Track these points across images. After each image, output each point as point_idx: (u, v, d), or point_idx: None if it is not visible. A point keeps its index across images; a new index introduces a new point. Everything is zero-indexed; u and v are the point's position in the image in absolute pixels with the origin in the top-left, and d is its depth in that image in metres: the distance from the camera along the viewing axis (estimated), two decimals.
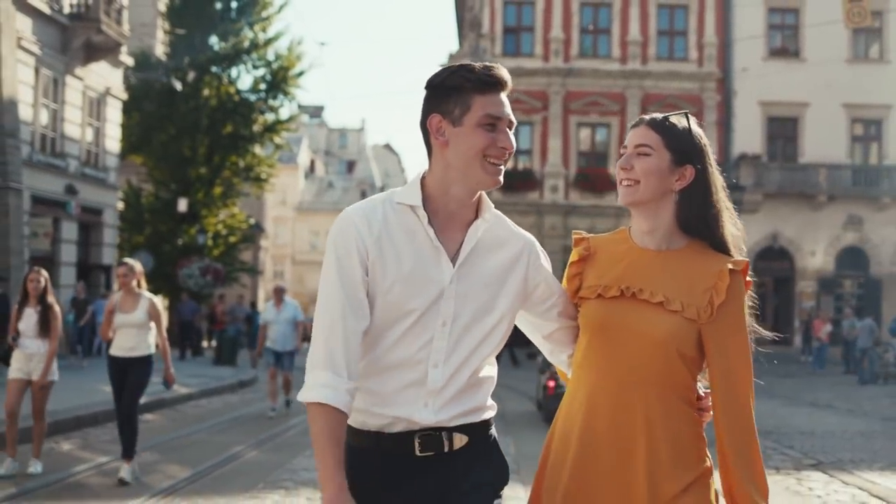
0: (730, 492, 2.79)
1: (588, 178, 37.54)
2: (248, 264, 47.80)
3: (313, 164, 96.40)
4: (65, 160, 28.00)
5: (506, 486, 2.80)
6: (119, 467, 9.38)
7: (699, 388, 2.93)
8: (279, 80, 41.52)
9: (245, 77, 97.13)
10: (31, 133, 26.12)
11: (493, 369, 2.85)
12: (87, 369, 22.39)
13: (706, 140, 2.94)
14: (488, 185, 2.69)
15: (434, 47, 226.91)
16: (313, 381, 2.59)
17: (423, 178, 2.76)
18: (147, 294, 9.55)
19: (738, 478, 2.76)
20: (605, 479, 2.78)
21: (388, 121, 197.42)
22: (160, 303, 9.91)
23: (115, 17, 29.09)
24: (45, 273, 9.89)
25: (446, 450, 2.70)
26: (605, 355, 2.84)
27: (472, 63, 2.71)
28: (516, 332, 3.04)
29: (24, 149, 25.36)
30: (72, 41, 27.72)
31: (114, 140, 31.63)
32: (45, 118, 27.26)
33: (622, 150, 2.96)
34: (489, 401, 2.84)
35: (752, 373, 2.84)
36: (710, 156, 2.94)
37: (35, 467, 9.52)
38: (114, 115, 31.46)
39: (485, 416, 2.81)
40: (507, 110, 2.69)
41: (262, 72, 42.01)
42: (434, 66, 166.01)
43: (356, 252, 2.64)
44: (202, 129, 39.90)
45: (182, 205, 37.16)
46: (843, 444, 12.55)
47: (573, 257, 3.03)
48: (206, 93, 40.15)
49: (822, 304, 36.51)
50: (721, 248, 2.90)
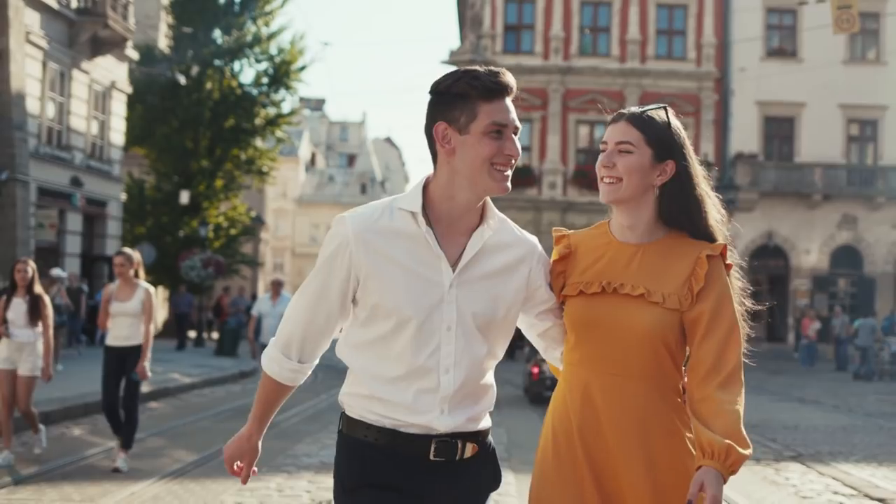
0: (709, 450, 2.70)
1: (586, 175, 37.91)
2: (249, 256, 48.16)
3: (314, 157, 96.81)
4: (70, 153, 28.43)
5: (497, 488, 2.91)
6: (115, 457, 9.53)
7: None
8: (281, 75, 41.85)
9: (247, 71, 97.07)
10: (37, 126, 26.56)
11: (492, 376, 2.90)
12: (94, 358, 22.77)
13: (684, 133, 2.98)
14: (496, 192, 2.70)
15: (435, 42, 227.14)
16: (268, 354, 2.86)
17: (426, 184, 2.78)
18: (144, 284, 9.57)
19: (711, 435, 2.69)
20: (612, 472, 2.84)
21: (389, 114, 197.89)
22: (160, 294, 10.19)
23: (121, 12, 29.50)
24: (32, 263, 9.89)
25: (457, 458, 2.74)
26: (592, 352, 2.89)
27: (477, 69, 2.72)
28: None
29: (31, 141, 25.78)
30: (79, 36, 28.13)
31: (118, 133, 32.06)
32: (51, 111, 27.68)
33: (602, 146, 2.97)
34: (492, 404, 2.90)
35: (737, 350, 2.83)
36: (689, 147, 2.97)
37: (38, 447, 9.77)
38: (119, 108, 31.89)
39: (487, 424, 2.86)
40: (513, 116, 2.71)
41: (264, 66, 42.33)
42: (436, 61, 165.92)
43: (342, 260, 2.71)
44: (204, 123, 40.21)
45: (184, 197, 37.50)
46: (825, 438, 12.99)
47: (554, 255, 3.04)
48: (208, 86, 40.46)
49: (816, 303, 36.93)
50: (705, 236, 2.93)
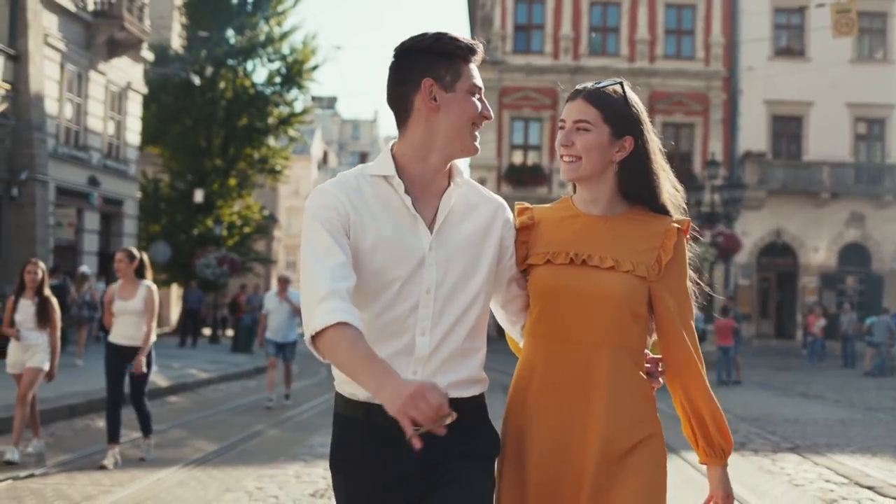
0: (693, 437, 3.00)
1: None
2: (262, 254, 48.60)
3: (326, 155, 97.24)
4: (88, 153, 28.92)
5: (496, 455, 2.84)
6: (139, 444, 10.00)
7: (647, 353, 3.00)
8: (294, 74, 42.28)
9: (260, 70, 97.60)
10: (56, 126, 27.05)
11: (481, 340, 2.86)
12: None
13: (641, 106, 2.99)
14: (472, 152, 2.76)
15: (446, 28, 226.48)
16: (325, 309, 2.49)
17: (392, 149, 2.79)
18: (146, 282, 9.64)
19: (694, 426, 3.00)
20: (563, 438, 2.84)
21: None
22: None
23: (137, 14, 29.97)
24: (42, 265, 9.88)
25: None
26: (557, 320, 2.88)
27: (447, 32, 2.76)
28: None
29: (50, 142, 26.28)
30: (95, 37, 28.62)
31: (134, 133, 32.55)
32: (69, 112, 28.18)
33: (560, 125, 2.98)
34: (480, 374, 2.84)
35: (693, 320, 2.97)
36: (647, 121, 2.98)
37: (35, 446, 9.64)
38: (134, 108, 32.37)
39: (474, 391, 2.81)
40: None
41: (276, 65, 42.78)
42: None
43: (336, 215, 2.66)
44: (218, 122, 40.65)
45: (198, 195, 37.96)
46: (823, 431, 13.35)
47: (517, 225, 3.02)
48: (221, 86, 40.92)
49: (824, 300, 37.23)
50: (662, 210, 2.98)
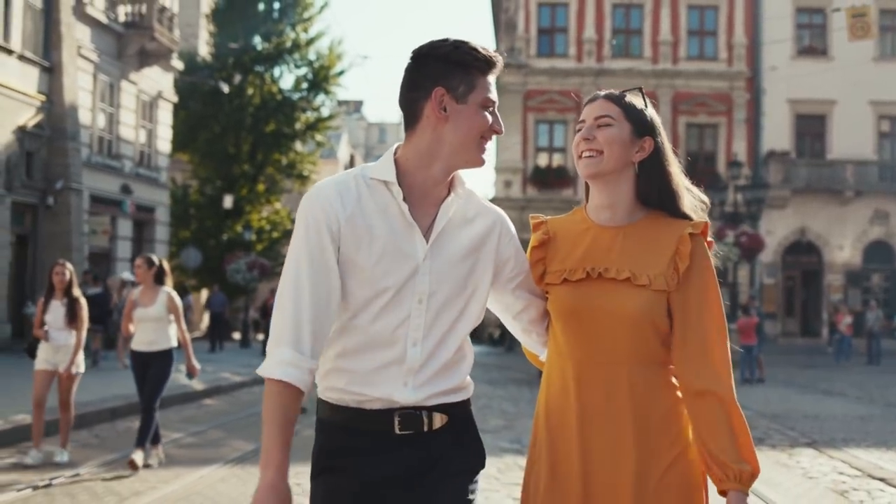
0: (707, 462, 2.77)
1: None
2: None
3: (353, 159, 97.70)
4: (120, 161, 29.56)
5: (482, 469, 2.81)
6: (150, 454, 9.74)
7: None
8: (320, 79, 42.87)
9: (287, 76, 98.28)
10: (89, 136, 27.70)
11: (469, 347, 2.85)
12: None
13: (658, 119, 2.99)
14: (478, 165, 2.72)
15: (470, 33, 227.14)
16: (278, 358, 2.56)
17: (396, 153, 2.73)
18: (166, 288, 9.73)
19: (715, 448, 2.74)
20: (596, 467, 2.79)
21: None
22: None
23: (167, 24, 30.61)
24: (69, 266, 10.00)
25: (426, 429, 2.67)
26: (581, 339, 2.84)
27: (467, 41, 2.68)
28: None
29: (84, 151, 26.93)
30: (127, 48, 29.31)
31: (165, 141, 33.20)
32: (102, 122, 28.85)
33: (579, 125, 2.97)
34: (467, 380, 2.82)
35: (725, 331, 2.87)
36: (664, 133, 2.99)
37: (61, 456, 9.63)
38: (165, 117, 33.02)
39: (462, 397, 2.79)
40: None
41: (303, 71, 43.41)
42: None
43: (326, 227, 2.62)
44: (246, 128, 41.30)
45: (227, 201, 38.54)
46: (841, 426, 13.67)
47: (533, 242, 3.02)
48: (249, 92, 41.51)
49: (849, 298, 37.40)
50: (682, 216, 2.92)
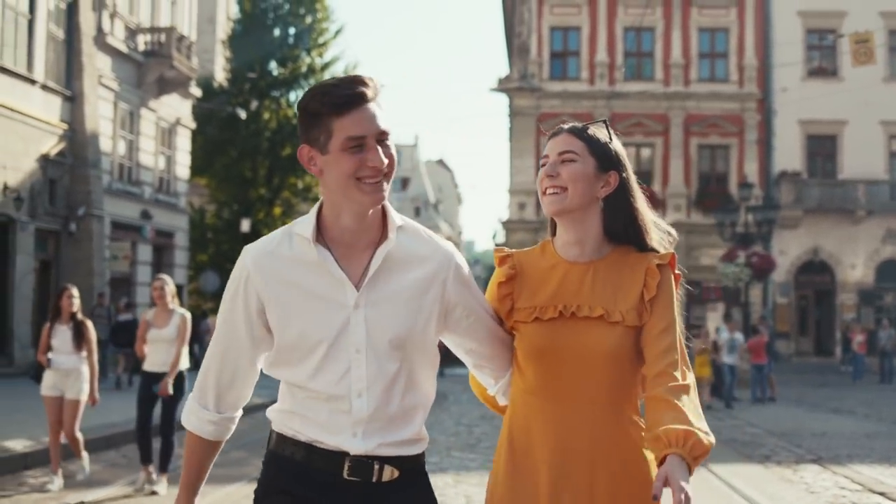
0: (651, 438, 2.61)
1: None
2: None
3: None
4: (140, 187, 30.13)
5: None
6: (154, 480, 9.67)
7: None
8: None
9: None
10: (110, 163, 28.26)
11: (424, 395, 2.75)
12: None
13: (623, 151, 2.93)
14: (369, 206, 2.59)
15: (485, 62, 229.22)
16: (187, 408, 2.80)
17: (320, 206, 2.69)
18: (180, 310, 9.73)
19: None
20: (576, 497, 2.72)
21: (441, 136, 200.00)
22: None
23: (185, 52, 31.19)
24: (76, 291, 10.03)
25: (374, 480, 2.61)
26: (551, 377, 2.78)
27: (332, 81, 2.59)
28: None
29: (105, 178, 27.48)
30: (146, 76, 29.91)
31: (183, 167, 33.78)
32: (122, 149, 29.45)
33: (543, 161, 2.89)
34: (422, 432, 2.74)
35: (685, 357, 2.79)
36: (629, 166, 2.92)
37: (81, 473, 9.89)
38: (183, 143, 33.61)
39: (416, 450, 2.71)
40: (374, 124, 2.55)
41: None
42: (485, 81, 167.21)
43: (243, 294, 2.64)
44: (262, 152, 41.80)
45: (245, 225, 39.03)
46: (847, 443, 13.98)
47: (500, 277, 2.91)
48: (265, 117, 42.07)
49: (862, 316, 37.60)
50: (649, 249, 2.88)
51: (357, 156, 2.52)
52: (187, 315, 9.84)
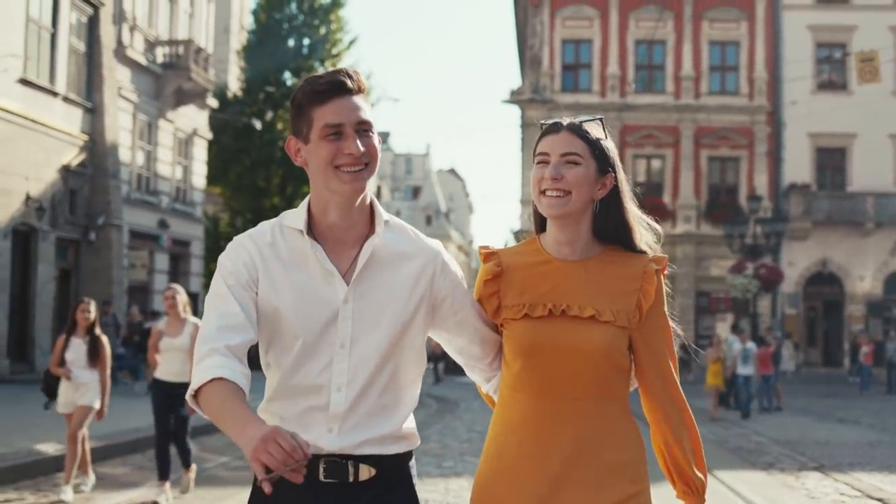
0: (670, 472, 2.92)
1: (645, 207, 39.01)
2: None
3: (379, 190, 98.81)
4: (158, 197, 30.66)
5: None
6: (180, 481, 9.94)
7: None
8: None
9: None
10: (129, 173, 28.80)
11: (408, 394, 2.73)
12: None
13: (615, 147, 2.92)
14: (347, 194, 2.58)
15: (497, 72, 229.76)
16: (202, 368, 2.43)
17: (309, 200, 2.68)
18: (193, 319, 9.69)
19: (683, 460, 2.90)
20: (570, 495, 2.72)
21: (453, 145, 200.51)
22: None
23: (202, 64, 31.73)
24: (93, 304, 10.02)
25: (351, 479, 2.58)
26: (540, 375, 2.76)
27: (316, 73, 2.65)
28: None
29: (124, 188, 28.01)
30: (164, 88, 30.48)
31: (200, 177, 34.32)
32: (140, 159, 29.98)
33: (541, 158, 2.83)
34: (406, 430, 2.71)
35: (677, 366, 2.89)
36: (619, 163, 2.92)
37: (85, 486, 9.98)
38: (200, 153, 34.15)
39: (398, 449, 2.67)
40: (353, 114, 2.58)
41: None
42: (497, 91, 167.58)
43: (244, 269, 2.59)
44: (276, 162, 42.16)
45: None
46: (849, 452, 14.35)
47: (486, 275, 2.88)
48: (279, 126, 42.51)
49: (870, 328, 37.90)
50: (637, 250, 2.88)
51: (335, 143, 2.55)
52: (200, 323, 9.87)
